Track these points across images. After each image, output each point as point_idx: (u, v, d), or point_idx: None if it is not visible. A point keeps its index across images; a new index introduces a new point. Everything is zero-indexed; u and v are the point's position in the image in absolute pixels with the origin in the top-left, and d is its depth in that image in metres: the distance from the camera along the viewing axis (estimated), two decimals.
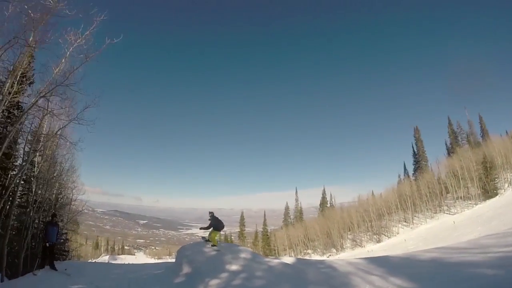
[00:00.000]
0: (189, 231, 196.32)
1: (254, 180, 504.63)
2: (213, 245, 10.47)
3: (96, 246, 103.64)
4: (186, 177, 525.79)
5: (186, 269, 9.49)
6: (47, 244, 10.57)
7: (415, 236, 52.28)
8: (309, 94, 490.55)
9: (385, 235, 63.38)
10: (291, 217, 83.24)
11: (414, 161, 68.79)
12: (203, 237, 11.26)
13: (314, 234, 72.44)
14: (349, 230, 70.19)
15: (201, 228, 11.04)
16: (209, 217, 10.80)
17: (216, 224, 10.64)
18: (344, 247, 67.70)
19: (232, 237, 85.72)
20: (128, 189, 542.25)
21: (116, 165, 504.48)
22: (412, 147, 68.91)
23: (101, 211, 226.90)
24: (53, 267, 10.57)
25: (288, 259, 10.93)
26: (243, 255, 9.73)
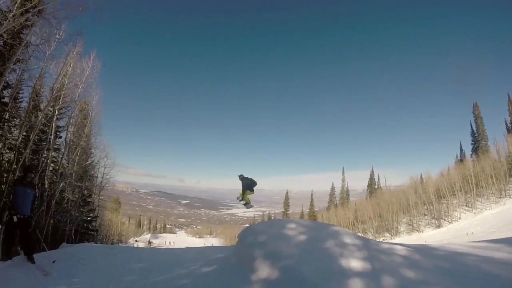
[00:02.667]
0: (229, 211, 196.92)
1: (294, 162, 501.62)
2: (246, 203, 9.68)
3: (139, 224, 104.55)
4: (226, 158, 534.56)
5: (265, 271, 5.16)
6: (15, 218, 6.04)
7: (481, 222, 46.71)
8: (355, 74, 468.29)
9: (444, 220, 56.90)
10: (337, 198, 78.35)
11: (473, 140, 61.31)
12: (238, 197, 9.87)
13: (366, 216, 66.84)
14: (404, 213, 63.97)
15: (241, 200, 9.79)
16: (240, 180, 9.71)
17: (249, 183, 9.58)
18: (399, 231, 61.99)
19: (275, 218, 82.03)
20: (171, 171, 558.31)
21: (160, 147, 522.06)
22: (471, 125, 61.01)
23: (145, 192, 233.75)
24: (30, 258, 6.22)
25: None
26: (347, 239, 5.91)
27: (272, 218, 75.11)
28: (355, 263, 4.80)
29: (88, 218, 21.11)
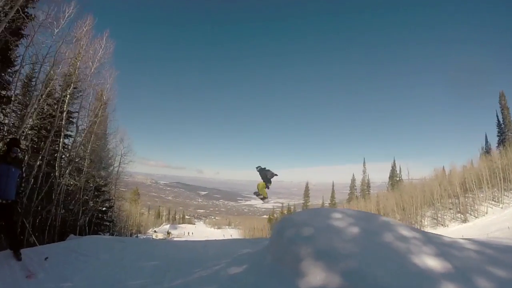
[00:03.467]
0: (248, 202, 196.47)
1: (313, 154, 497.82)
2: (263, 198, 9.25)
3: (158, 215, 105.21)
4: (245, 149, 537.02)
5: (318, 276, 3.97)
6: None
7: (509, 217, 44.43)
8: (375, 60, 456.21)
9: (470, 214, 54.35)
10: (357, 190, 76.45)
11: (499, 132, 57.68)
12: (255, 192, 9.44)
13: (388, 209, 64.63)
14: (428, 206, 61.49)
15: (259, 195, 9.32)
16: (258, 171, 9.20)
17: (267, 174, 9.04)
18: (423, 225, 59.69)
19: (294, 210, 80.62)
20: (190, 162, 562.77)
21: (179, 138, 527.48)
22: (497, 115, 57.49)
23: (164, 183, 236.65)
24: (16, 254, 4.99)
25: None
26: (404, 231, 5.13)
27: (292, 210, 73.61)
28: (431, 262, 3.83)
29: (103, 208, 20.21)
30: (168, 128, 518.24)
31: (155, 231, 63.93)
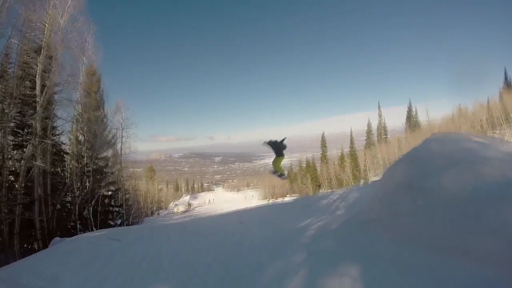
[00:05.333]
0: (263, 161, 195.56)
1: (322, 105, 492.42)
2: (281, 175, 8.15)
3: (177, 188, 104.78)
4: (253, 109, 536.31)
5: None
6: None
7: None
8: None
9: None
10: (374, 135, 73.57)
11: None
12: (271, 171, 8.37)
13: None
14: None
15: (275, 172, 8.16)
16: (270, 145, 7.89)
17: (277, 148, 7.87)
18: None
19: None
20: (201, 131, 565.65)
21: (186, 108, 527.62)
22: None
23: (178, 156, 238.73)
24: None
25: None
26: None
27: (312, 163, 71.29)
28: None
29: (109, 193, 17.88)
30: (173, 100, 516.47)
31: (176, 205, 62.87)
